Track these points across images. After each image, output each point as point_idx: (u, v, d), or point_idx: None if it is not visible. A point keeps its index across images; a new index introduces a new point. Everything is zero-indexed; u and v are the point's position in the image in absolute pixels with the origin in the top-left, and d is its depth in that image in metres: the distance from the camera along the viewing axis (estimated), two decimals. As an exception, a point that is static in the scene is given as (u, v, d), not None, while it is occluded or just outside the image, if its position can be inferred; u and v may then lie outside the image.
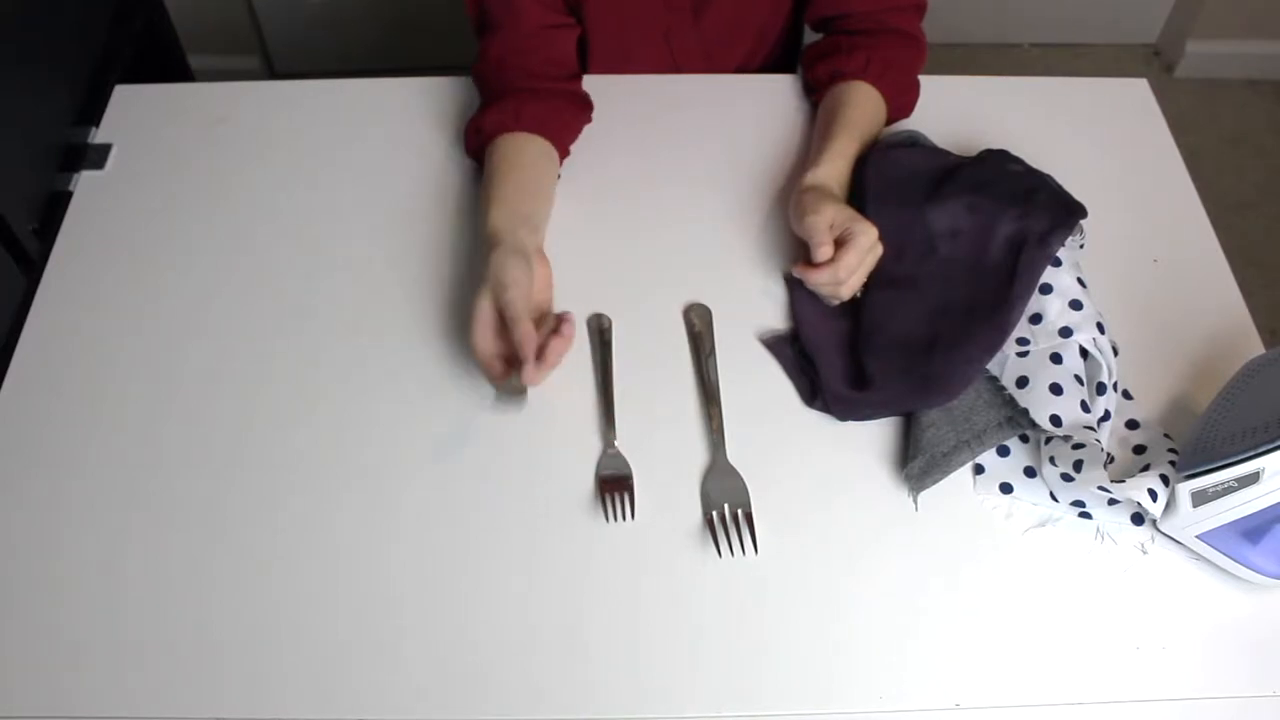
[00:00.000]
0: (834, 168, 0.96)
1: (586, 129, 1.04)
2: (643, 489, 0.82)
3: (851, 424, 0.86)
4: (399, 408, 0.86)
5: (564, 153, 1.01)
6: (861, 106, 1.01)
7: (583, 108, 1.03)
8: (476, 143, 0.99)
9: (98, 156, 1.03)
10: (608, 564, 0.79)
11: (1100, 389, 0.84)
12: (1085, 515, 0.81)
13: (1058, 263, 0.89)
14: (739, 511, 0.80)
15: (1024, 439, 0.85)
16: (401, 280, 0.94)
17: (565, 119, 1.01)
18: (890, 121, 1.04)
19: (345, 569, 0.78)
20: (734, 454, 0.84)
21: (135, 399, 0.87)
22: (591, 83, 1.05)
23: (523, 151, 0.96)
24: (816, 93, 1.06)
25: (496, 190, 0.93)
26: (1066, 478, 0.79)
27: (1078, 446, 0.79)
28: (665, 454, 0.84)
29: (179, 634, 0.75)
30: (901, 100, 1.04)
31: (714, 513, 0.80)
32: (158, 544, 0.79)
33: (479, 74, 1.03)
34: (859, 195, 0.97)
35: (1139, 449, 0.85)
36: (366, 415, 0.86)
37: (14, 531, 0.80)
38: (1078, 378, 0.84)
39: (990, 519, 0.82)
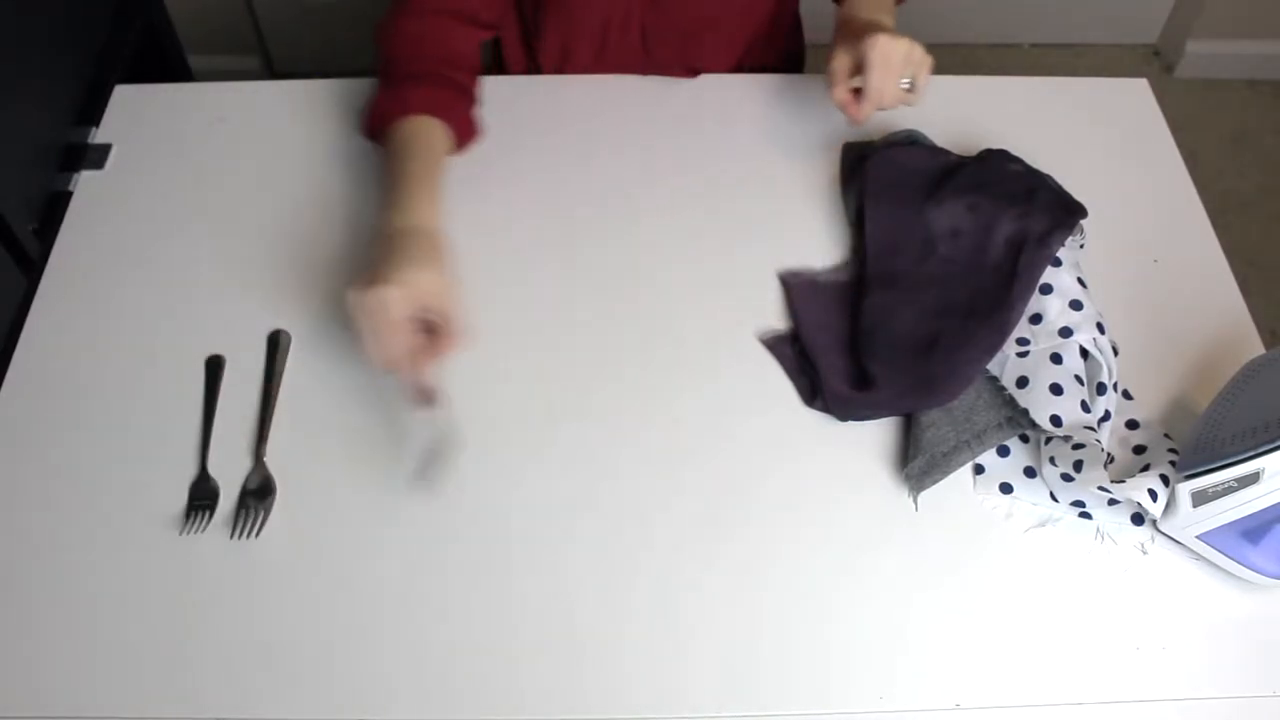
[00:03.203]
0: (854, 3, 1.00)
1: (581, 129, 1.05)
2: (641, 488, 0.82)
3: (851, 424, 0.86)
4: (393, 408, 0.86)
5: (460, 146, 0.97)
6: None
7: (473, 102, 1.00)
8: (386, 120, 0.94)
9: (98, 156, 1.03)
10: (606, 564, 0.79)
11: (1100, 389, 0.84)
12: (1085, 515, 0.81)
13: (1058, 263, 0.89)
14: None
15: (1024, 439, 0.85)
16: (401, 280, 0.94)
17: (470, 117, 0.98)
18: None
19: (344, 570, 0.78)
20: (733, 453, 0.84)
21: (135, 399, 0.87)
22: (588, 82, 1.05)
23: (438, 138, 0.93)
24: None
25: (429, 177, 0.90)
26: (1066, 478, 0.79)
27: (1078, 446, 0.79)
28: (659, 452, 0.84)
29: (179, 634, 0.75)
30: None
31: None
32: (157, 544, 0.79)
33: (389, 37, 0.98)
34: (859, 195, 0.98)
35: (1139, 449, 0.85)
36: (362, 416, 0.86)
37: (13, 531, 0.80)
38: (1078, 378, 0.84)
39: (990, 519, 0.82)
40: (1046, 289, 0.88)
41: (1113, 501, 0.80)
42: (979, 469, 0.84)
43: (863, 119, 0.96)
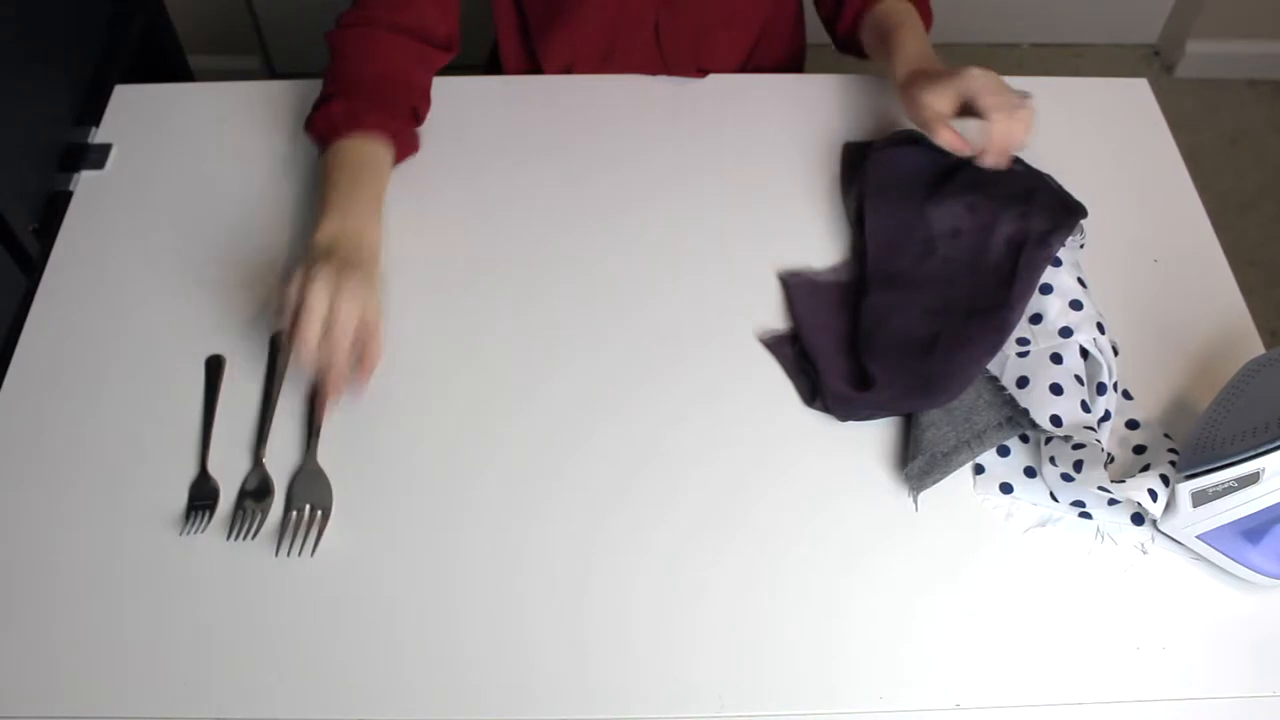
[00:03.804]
0: (911, 48, 1.00)
1: (580, 129, 1.05)
2: (640, 488, 0.82)
3: (851, 424, 0.86)
4: (382, 411, 0.86)
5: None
6: (903, 11, 1.04)
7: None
8: (338, 132, 0.93)
9: (98, 156, 1.03)
10: (607, 565, 0.79)
11: (1100, 389, 0.84)
12: (1085, 515, 0.81)
13: (1058, 263, 0.89)
14: (319, 512, 0.80)
15: (1024, 439, 0.85)
16: (399, 279, 0.94)
17: (412, 136, 1.00)
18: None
19: (345, 569, 0.78)
20: (733, 453, 0.84)
21: (135, 399, 0.87)
22: (587, 82, 1.05)
23: (386, 162, 0.95)
24: (838, 25, 1.10)
25: (379, 204, 0.91)
26: (1066, 478, 0.79)
27: (1078, 446, 0.79)
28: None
29: (179, 634, 0.75)
30: (925, 8, 1.08)
31: (294, 512, 0.80)
32: (157, 544, 0.79)
33: (343, 50, 0.98)
34: (859, 194, 0.98)
35: (1139, 449, 0.85)
36: (367, 419, 0.86)
37: (13, 531, 0.80)
38: (1078, 378, 0.84)
39: (990, 519, 0.82)
40: (1046, 289, 0.88)
41: (1113, 501, 0.80)
42: (979, 469, 0.84)
43: (1002, 163, 0.93)
